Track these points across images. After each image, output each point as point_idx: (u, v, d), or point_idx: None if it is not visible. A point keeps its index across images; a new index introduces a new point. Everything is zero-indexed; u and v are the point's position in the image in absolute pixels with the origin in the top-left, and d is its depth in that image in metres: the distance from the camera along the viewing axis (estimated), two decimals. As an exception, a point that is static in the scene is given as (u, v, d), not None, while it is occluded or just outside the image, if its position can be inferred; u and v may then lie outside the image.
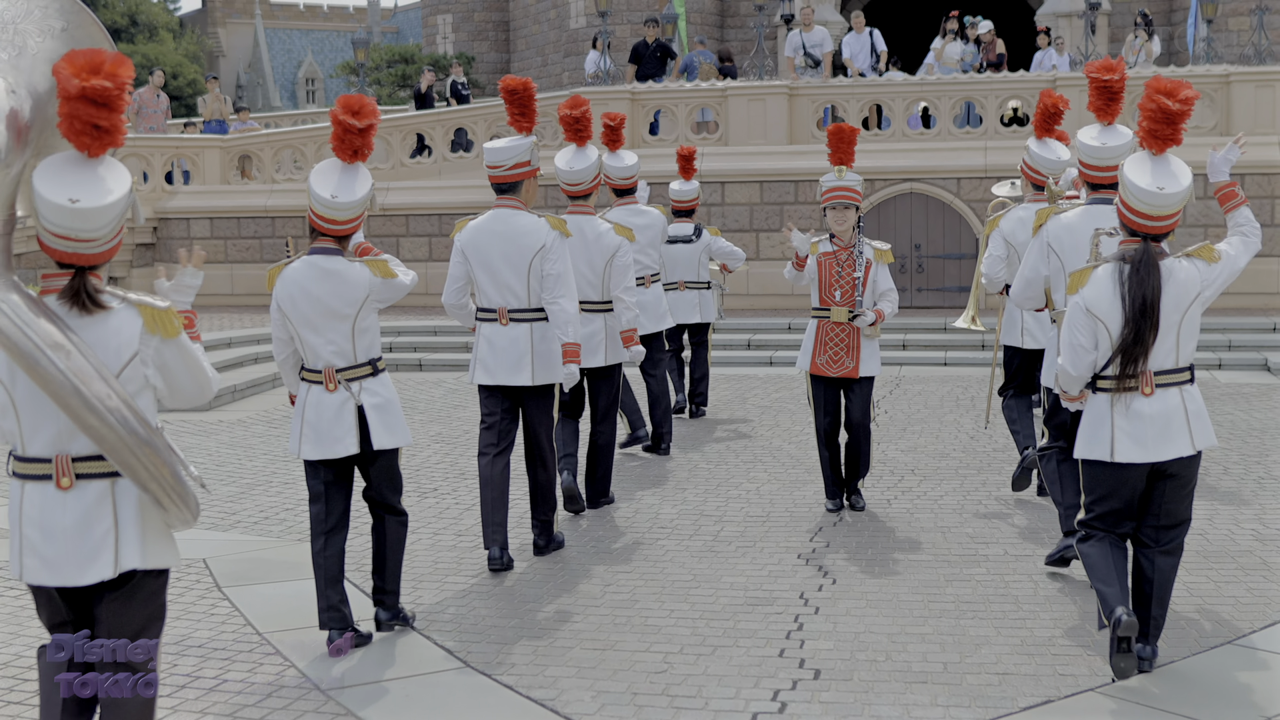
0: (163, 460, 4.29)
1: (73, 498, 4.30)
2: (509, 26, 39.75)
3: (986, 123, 20.24)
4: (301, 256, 6.33)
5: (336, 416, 6.28)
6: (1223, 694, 5.69)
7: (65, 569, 4.29)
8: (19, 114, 4.24)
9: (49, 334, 4.12)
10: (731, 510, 9.03)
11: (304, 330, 6.28)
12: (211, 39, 72.14)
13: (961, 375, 15.04)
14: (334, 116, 6.18)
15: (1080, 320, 5.80)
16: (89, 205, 4.18)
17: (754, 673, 6.01)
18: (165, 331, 4.37)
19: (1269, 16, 25.56)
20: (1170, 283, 5.71)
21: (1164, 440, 5.72)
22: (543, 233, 7.62)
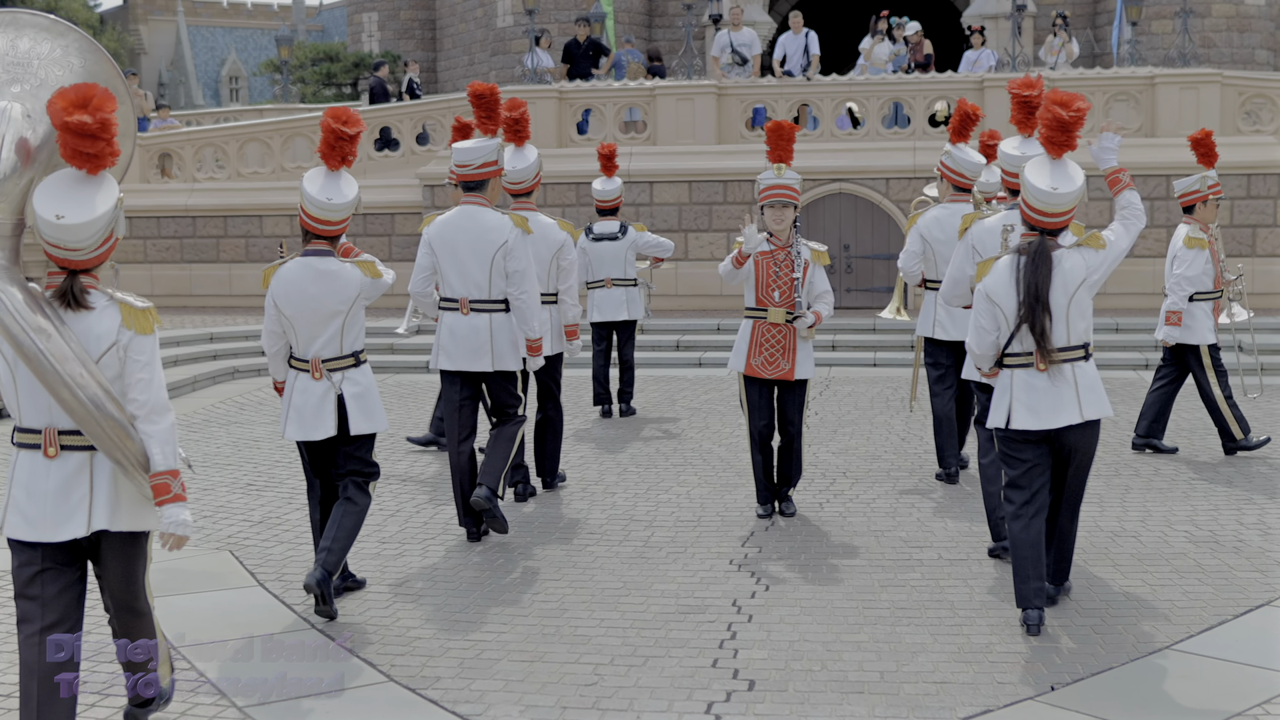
0: (129, 436, 4.87)
1: (56, 466, 4.90)
2: (435, 25, 39.44)
3: (914, 123, 20.24)
4: (295, 257, 6.84)
5: (320, 403, 6.85)
6: (1162, 701, 5.61)
7: (44, 527, 4.87)
8: (28, 139, 5.01)
9: (36, 321, 4.76)
10: (662, 515, 8.88)
11: (298, 325, 6.83)
12: (133, 36, 71.07)
13: (891, 376, 14.98)
14: (324, 125, 6.73)
15: (982, 305, 6.53)
16: (73, 221, 4.79)
17: (686, 684, 5.86)
18: (139, 328, 4.95)
19: (1192, 20, 25.81)
20: (1058, 271, 6.36)
21: (1056, 410, 6.39)
22: (506, 229, 8.12)
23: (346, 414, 6.86)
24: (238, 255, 21.12)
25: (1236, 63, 29.73)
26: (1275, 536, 8.09)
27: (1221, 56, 29.98)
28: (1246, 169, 18.37)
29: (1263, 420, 11.98)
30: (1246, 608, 6.77)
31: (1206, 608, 6.78)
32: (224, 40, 74.98)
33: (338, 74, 39.89)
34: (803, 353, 8.49)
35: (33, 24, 5.26)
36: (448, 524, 8.68)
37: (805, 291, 8.47)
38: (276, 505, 9.30)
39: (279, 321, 6.90)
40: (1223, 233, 18.22)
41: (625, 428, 12.08)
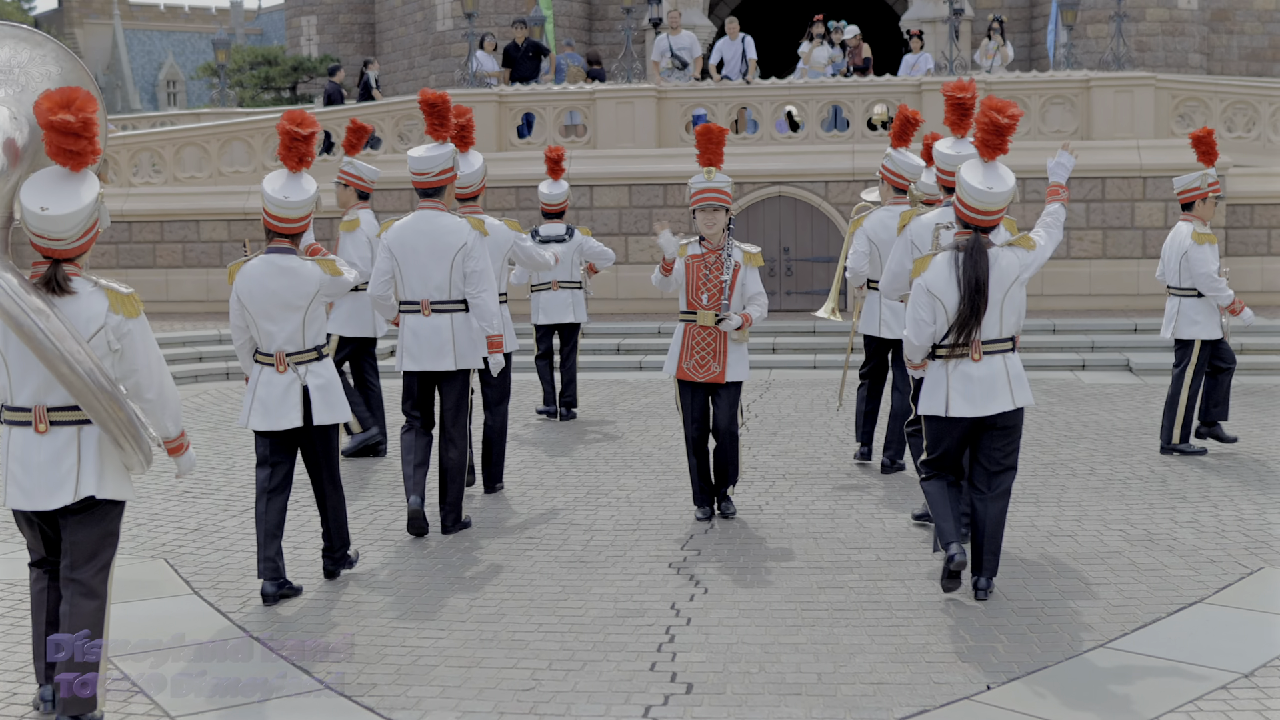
0: (120, 408, 5.33)
1: (46, 440, 5.36)
2: (375, 29, 39.22)
3: (853, 126, 20.34)
4: (259, 255, 7.17)
5: (284, 394, 7.15)
6: (1097, 699, 5.64)
7: (38, 496, 5.35)
8: (15, 139, 5.35)
9: (35, 303, 5.18)
10: (601, 518, 8.86)
11: (261, 319, 7.14)
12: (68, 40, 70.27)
13: (831, 378, 15.02)
14: (281, 129, 7.14)
15: (922, 299, 6.88)
16: (56, 213, 5.21)
17: (624, 688, 5.84)
18: (127, 311, 5.44)
19: (1127, 24, 26.08)
20: (995, 267, 6.80)
21: (989, 398, 6.83)
22: (464, 232, 8.40)
23: (310, 405, 7.18)
24: (174, 261, 20.91)
25: (1170, 66, 30.07)
26: (1208, 535, 8.17)
27: (1155, 60, 30.31)
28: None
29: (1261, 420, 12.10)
30: (1180, 605, 6.84)
31: (1141, 605, 6.83)
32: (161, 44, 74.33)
33: (276, 78, 39.54)
34: (734, 355, 8.48)
35: (12, 34, 5.62)
36: (385, 530, 8.63)
37: (737, 294, 8.46)
38: (212, 513, 9.21)
39: (243, 316, 7.21)
40: (1157, 234, 18.43)
41: (565, 431, 12.06)
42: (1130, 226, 18.54)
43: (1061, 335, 16.66)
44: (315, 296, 7.16)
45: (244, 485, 10.03)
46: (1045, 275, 18.42)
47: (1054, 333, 16.73)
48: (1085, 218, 18.74)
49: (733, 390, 8.58)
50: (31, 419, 5.36)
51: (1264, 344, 15.81)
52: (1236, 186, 18.80)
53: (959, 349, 6.83)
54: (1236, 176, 18.93)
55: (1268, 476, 9.71)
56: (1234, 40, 32.94)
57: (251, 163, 22.14)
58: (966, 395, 6.83)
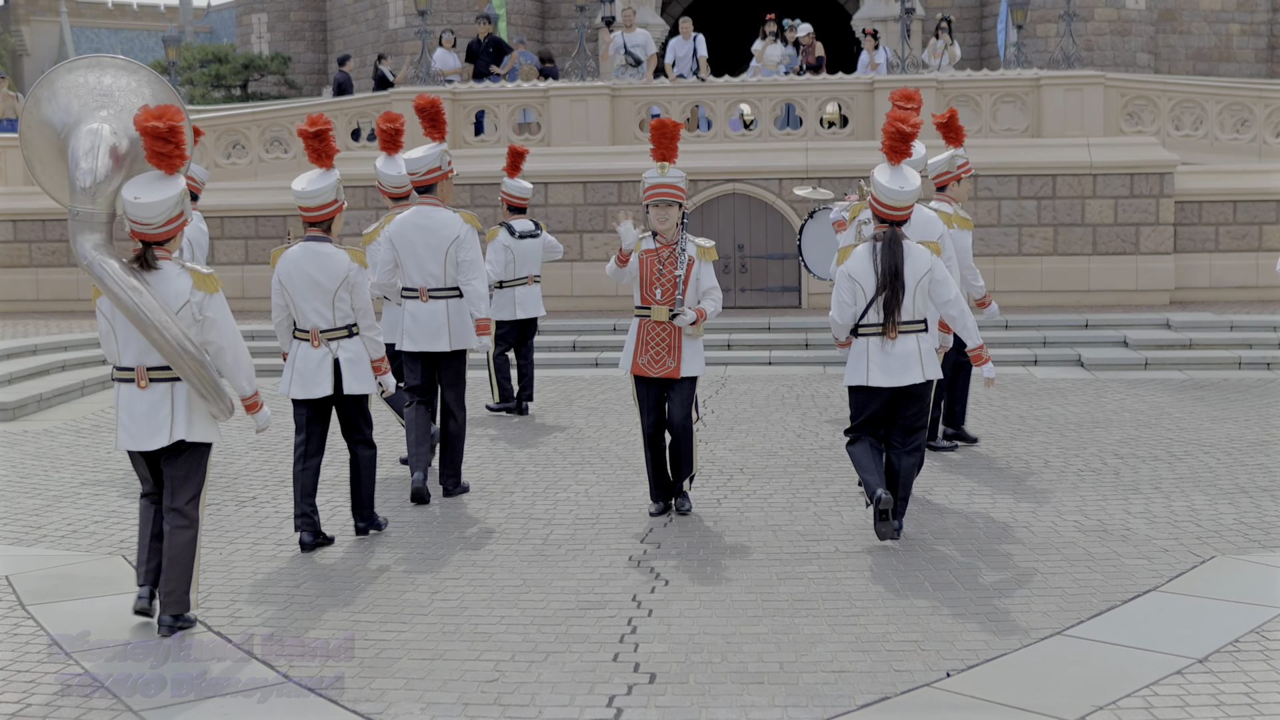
0: (203, 367, 6.48)
1: (147, 394, 6.55)
2: (326, 26, 39.05)
3: (807, 124, 20.43)
4: (299, 242, 8.10)
5: (318, 366, 8.05)
6: (1055, 684, 5.72)
7: (141, 439, 6.56)
8: (118, 148, 6.58)
9: (131, 282, 6.39)
10: (560, 513, 8.88)
11: (298, 299, 8.06)
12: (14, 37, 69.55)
13: (786, 374, 15.11)
14: (300, 131, 8.17)
15: (845, 284, 7.91)
16: (145, 201, 6.39)
17: (588, 678, 5.88)
18: (207, 289, 6.58)
19: (1076, 23, 26.31)
20: (909, 257, 7.80)
21: (904, 371, 7.84)
22: (458, 225, 9.18)
23: (341, 376, 8.06)
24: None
25: (1118, 65, 30.36)
26: (1161, 525, 8.28)
27: (1104, 59, 30.59)
28: (1130, 169, 18.75)
29: (1210, 414, 12.24)
30: (1134, 593, 6.93)
31: (1096, 594, 6.93)
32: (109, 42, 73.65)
33: (227, 75, 39.23)
34: (689, 350, 8.51)
35: (112, 64, 6.88)
36: (344, 525, 8.61)
37: (692, 289, 8.49)
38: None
39: (282, 296, 8.12)
40: (1108, 231, 18.63)
41: (522, 427, 12.07)
42: (1080, 223, 18.70)
43: (1014, 331, 16.80)
44: (345, 280, 8.00)
45: (201, 482, 9.99)
46: (998, 272, 18.58)
47: (1006, 329, 16.86)
48: (1036, 215, 18.90)
49: (687, 385, 8.61)
50: (135, 377, 6.54)
51: (1212, 339, 16.00)
52: (1185, 184, 19.01)
53: (876, 327, 7.83)
54: (1185, 174, 19.14)
55: (1218, 468, 9.85)
56: (1181, 40, 33.28)
57: (204, 160, 21.97)
58: (885, 368, 7.84)
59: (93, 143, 6.52)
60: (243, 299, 20.45)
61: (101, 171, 6.49)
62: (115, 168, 6.52)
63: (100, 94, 6.70)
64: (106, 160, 6.50)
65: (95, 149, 6.50)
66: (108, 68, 6.80)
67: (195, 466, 6.67)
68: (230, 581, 7.45)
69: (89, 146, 6.51)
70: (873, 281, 7.80)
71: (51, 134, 6.67)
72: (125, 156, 6.59)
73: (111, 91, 6.73)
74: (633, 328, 8.61)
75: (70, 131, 6.59)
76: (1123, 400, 12.92)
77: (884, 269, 7.76)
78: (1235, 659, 5.97)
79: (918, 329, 7.90)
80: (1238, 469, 9.80)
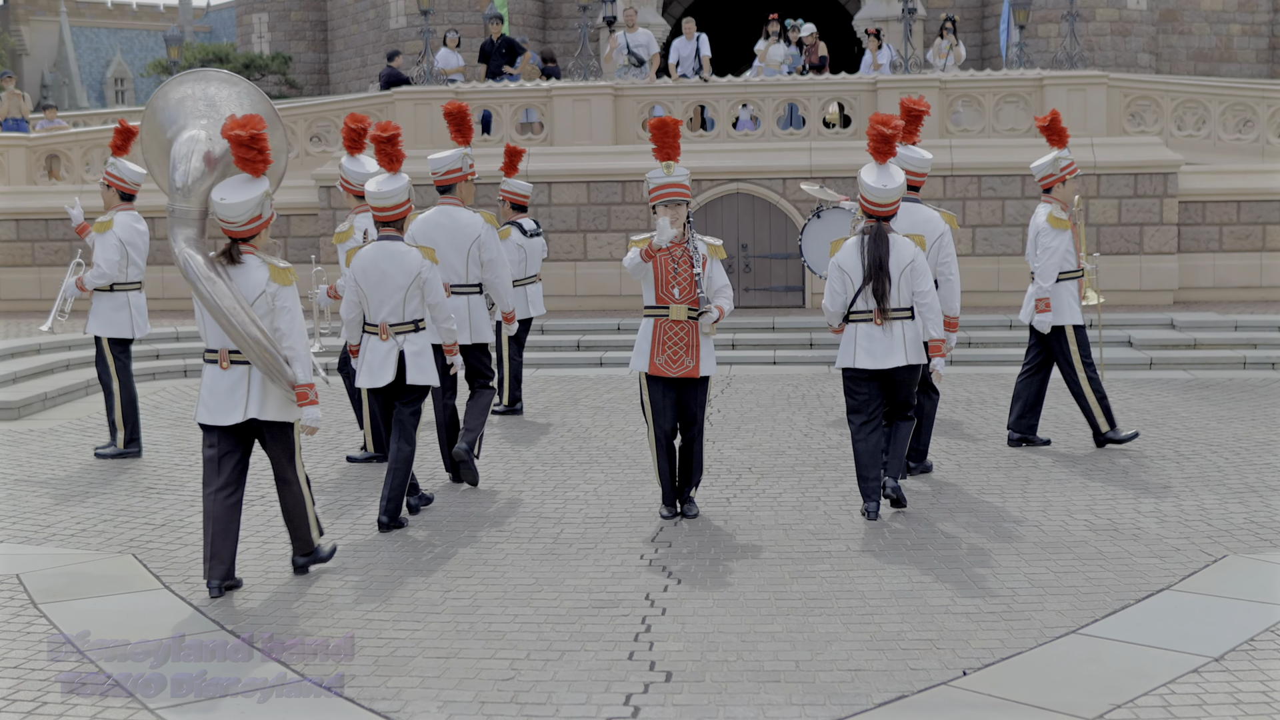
0: (269, 354, 7.09)
1: (227, 374, 7.18)
2: (327, 26, 39.04)
3: (810, 124, 20.43)
4: (374, 241, 8.64)
5: (385, 357, 8.51)
6: (1072, 683, 5.71)
7: (218, 414, 7.20)
8: (212, 152, 7.32)
9: (208, 273, 7.08)
10: (570, 512, 8.88)
11: (371, 295, 8.52)
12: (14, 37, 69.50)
13: (791, 374, 15.11)
14: (372, 138, 8.88)
15: (835, 274, 8.54)
16: (230, 201, 7.06)
17: (604, 677, 5.87)
18: (282, 281, 7.20)
19: (1079, 24, 26.30)
20: (894, 249, 8.42)
21: (888, 355, 8.43)
22: (479, 225, 9.61)
23: (404, 367, 8.51)
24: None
25: (1120, 66, 30.36)
26: (1171, 524, 8.28)
27: (1105, 60, 30.60)
28: (1133, 169, 18.77)
29: (1217, 414, 12.23)
30: (1147, 592, 6.93)
31: (1109, 593, 6.92)
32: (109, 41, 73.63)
33: (227, 75, 39.24)
34: (705, 349, 8.48)
35: (215, 77, 7.74)
36: (355, 523, 8.61)
37: (706, 287, 8.47)
38: (179, 508, 9.16)
39: (356, 292, 8.58)
40: (1112, 231, 18.63)
41: (529, 427, 12.07)
42: (1084, 223, 18.70)
43: (1018, 331, 16.77)
44: (417, 277, 8.48)
45: (209, 481, 9.99)
46: (1000, 271, 18.60)
47: (1010, 328, 16.87)
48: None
49: (703, 385, 8.61)
50: (218, 358, 7.18)
51: (1216, 339, 16.01)
52: (1188, 184, 19.02)
53: (865, 314, 8.45)
54: (1188, 174, 19.15)
55: (1226, 467, 9.85)
56: (1182, 40, 33.30)
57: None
58: (871, 352, 8.44)
59: (189, 148, 7.35)
60: (246, 298, 20.43)
61: (194, 173, 7.29)
62: (208, 170, 7.30)
63: (206, 104, 7.55)
64: (199, 163, 7.30)
65: (190, 153, 7.33)
66: (211, 80, 7.70)
67: (283, 442, 7.35)
68: (243, 577, 7.43)
69: (185, 151, 7.35)
70: (860, 272, 8.44)
71: (164, 140, 7.56)
72: (218, 160, 7.33)
73: (215, 101, 7.57)
74: (646, 328, 8.54)
75: (175, 137, 7.46)
76: (1128, 400, 12.92)
77: (870, 261, 8.40)
78: (1251, 657, 5.97)
79: (904, 315, 8.46)
80: (1246, 468, 9.80)
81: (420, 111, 20.66)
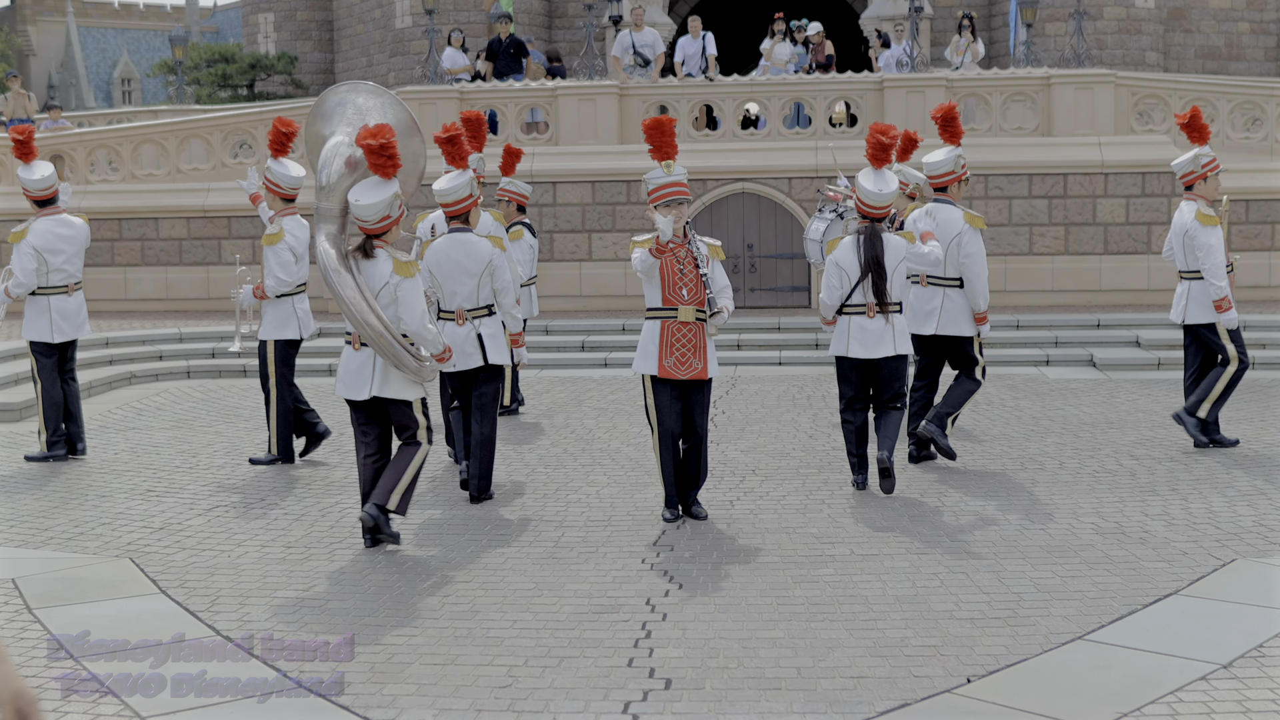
0: (386, 339, 7.82)
1: (357, 355, 7.99)
2: (333, 26, 39.01)
3: (815, 123, 20.34)
4: (445, 234, 9.30)
5: (465, 341, 9.12)
6: (1078, 691, 5.62)
7: (351, 390, 8.03)
8: (353, 157, 8.15)
9: (336, 265, 7.92)
10: (572, 515, 8.80)
11: (446, 283, 9.18)
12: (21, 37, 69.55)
13: (796, 375, 15.03)
14: (436, 139, 9.34)
15: (833, 271, 9.11)
16: (363, 202, 7.84)
17: (603, 684, 5.79)
18: (404, 274, 7.90)
19: (1085, 22, 26.19)
20: (888, 248, 8.97)
21: (879, 345, 9.01)
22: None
23: (485, 348, 9.15)
24: (133, 259, 20.68)
25: (1127, 64, 30.24)
26: (1179, 527, 8.19)
27: (1113, 58, 30.48)
28: (1141, 168, 18.66)
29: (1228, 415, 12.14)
30: (1155, 597, 6.83)
31: (1116, 598, 6.83)
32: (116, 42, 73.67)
33: (233, 75, 39.18)
34: (711, 350, 8.41)
35: (364, 88, 8.63)
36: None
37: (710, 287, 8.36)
38: (177, 511, 9.09)
39: (430, 282, 9.12)
40: (1119, 230, 18.53)
41: (531, 429, 11.99)
42: (1092, 223, 18.62)
43: (1025, 331, 16.71)
44: (488, 265, 9.09)
45: (208, 484, 9.92)
46: (1008, 271, 18.50)
47: (1018, 328, 16.78)
48: (1048, 214, 18.81)
49: (709, 387, 8.53)
50: (353, 340, 7.95)
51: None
52: (1196, 183, 18.90)
53: (859, 308, 9.01)
54: (1196, 173, 19.02)
55: (1234, 469, 9.75)
56: (1190, 39, 33.17)
57: (210, 160, 21.95)
58: (862, 342, 9.02)
59: (334, 152, 8.24)
60: (250, 299, 20.35)
61: (334, 175, 8.19)
62: (348, 172, 8.17)
63: (356, 112, 8.41)
64: (340, 166, 8.18)
65: (335, 157, 8.22)
66: (362, 91, 8.61)
67: (407, 417, 8.07)
68: (239, 584, 7.37)
69: (329, 156, 8.26)
70: (857, 269, 9.03)
71: (324, 140, 8.44)
72: (359, 164, 8.11)
73: (365, 110, 8.43)
74: (650, 330, 8.41)
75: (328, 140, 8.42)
76: (1136, 400, 12.83)
77: (866, 258, 9.00)
78: (1260, 664, 5.87)
79: (893, 309, 9.04)
80: (1255, 470, 9.70)
81: (424, 111, 20.56)
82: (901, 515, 8.59)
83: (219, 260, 20.39)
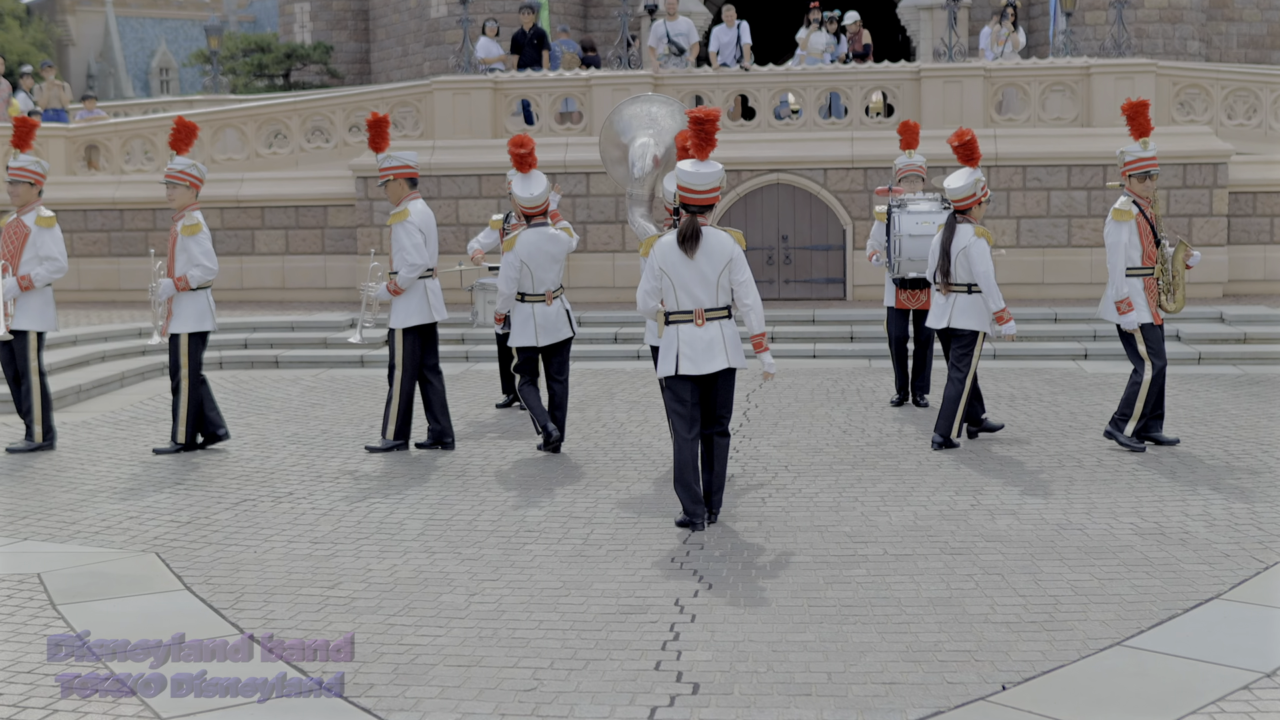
0: None
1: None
2: (369, 15, 38.98)
3: (851, 113, 20.15)
4: (529, 229, 10.64)
5: (555, 317, 10.69)
6: (1116, 700, 5.48)
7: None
8: (657, 155, 10.04)
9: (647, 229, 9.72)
10: (601, 511, 8.69)
11: (537, 270, 10.57)
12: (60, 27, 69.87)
13: (831, 368, 14.87)
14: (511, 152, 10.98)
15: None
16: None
17: (629, 688, 5.67)
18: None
19: (1126, 11, 25.87)
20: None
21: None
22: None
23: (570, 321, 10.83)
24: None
25: (1169, 54, 29.88)
26: (1220, 528, 8.01)
27: (1154, 48, 30.12)
28: (1183, 158, 18.41)
29: (1268, 411, 11.93)
30: (1196, 601, 6.67)
31: (1155, 601, 6.67)
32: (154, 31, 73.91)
33: (269, 65, 39.23)
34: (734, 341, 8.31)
35: (654, 99, 10.69)
36: (381, 523, 8.46)
37: None
38: (205, 505, 9.03)
39: (520, 270, 10.50)
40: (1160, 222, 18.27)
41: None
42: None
43: (1063, 324, 16.50)
44: (568, 251, 10.82)
45: (237, 478, 9.86)
46: (1046, 263, 18.29)
47: (1055, 321, 16.58)
48: (1087, 205, 18.57)
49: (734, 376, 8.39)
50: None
51: (1267, 333, 15.66)
52: (1238, 174, 18.64)
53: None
54: (1239, 164, 18.77)
55: (1278, 468, 9.55)
56: (1233, 28, 32.75)
57: (245, 150, 21.92)
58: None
59: (643, 152, 10.14)
60: (283, 289, 20.36)
61: (646, 168, 10.09)
62: (654, 167, 10.07)
63: (648, 120, 10.31)
64: (649, 162, 10.07)
65: (644, 155, 10.11)
66: (652, 102, 10.60)
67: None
68: (264, 580, 7.29)
69: (640, 154, 10.13)
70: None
71: (620, 144, 10.37)
72: (661, 160, 10.04)
73: (655, 117, 10.34)
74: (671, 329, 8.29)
75: (630, 142, 10.25)
76: (1176, 396, 12.62)
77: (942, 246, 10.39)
78: (1305, 673, 5.71)
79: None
80: (1298, 469, 9.51)
81: (458, 101, 20.51)
82: (935, 514, 8.45)
83: (252, 251, 20.36)
